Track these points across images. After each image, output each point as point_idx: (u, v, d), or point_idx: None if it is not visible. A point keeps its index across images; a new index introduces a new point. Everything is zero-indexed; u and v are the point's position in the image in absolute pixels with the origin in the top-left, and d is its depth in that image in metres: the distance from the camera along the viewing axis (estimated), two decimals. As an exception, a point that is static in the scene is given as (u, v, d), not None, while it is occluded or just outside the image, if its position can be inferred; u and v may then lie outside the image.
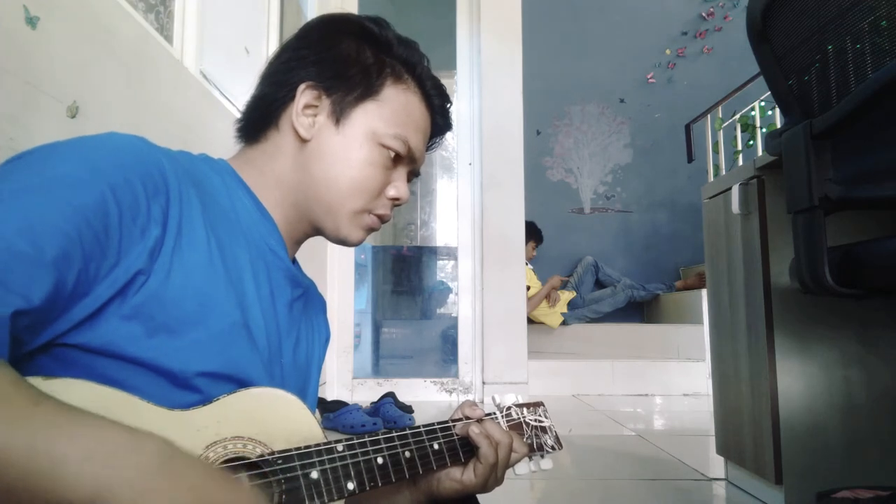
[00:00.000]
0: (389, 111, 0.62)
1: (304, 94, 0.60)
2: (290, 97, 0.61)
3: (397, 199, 0.65)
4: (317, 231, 0.65)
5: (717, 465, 1.73)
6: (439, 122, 0.68)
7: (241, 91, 1.76)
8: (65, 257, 0.40)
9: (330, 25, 0.64)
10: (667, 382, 3.33)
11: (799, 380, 1.35)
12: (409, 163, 0.66)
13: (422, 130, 0.65)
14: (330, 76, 0.61)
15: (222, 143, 0.68)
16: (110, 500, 0.32)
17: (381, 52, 0.63)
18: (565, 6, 4.82)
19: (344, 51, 0.62)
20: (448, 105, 0.68)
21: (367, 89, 0.61)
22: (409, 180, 0.67)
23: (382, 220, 0.65)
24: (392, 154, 0.62)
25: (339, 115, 0.61)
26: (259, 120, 0.63)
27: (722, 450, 1.62)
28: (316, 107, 0.61)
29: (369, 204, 0.63)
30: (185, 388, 0.47)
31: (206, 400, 0.48)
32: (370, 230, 0.65)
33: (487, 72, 3.15)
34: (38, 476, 0.31)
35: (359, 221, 0.63)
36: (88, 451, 0.33)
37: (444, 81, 0.68)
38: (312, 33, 0.64)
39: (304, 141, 0.61)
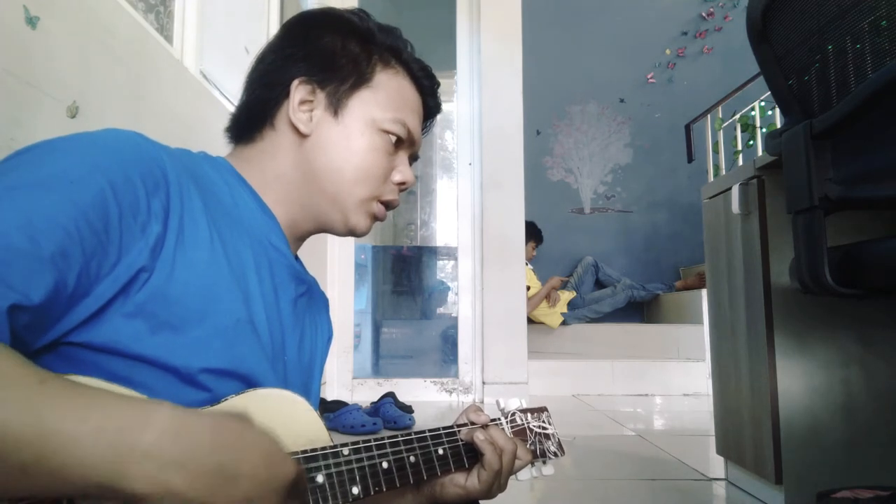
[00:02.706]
0: (384, 96, 0.63)
1: (299, 90, 0.61)
2: (283, 96, 0.61)
3: (404, 183, 0.66)
4: (322, 227, 0.65)
5: (717, 465, 1.73)
6: (430, 104, 0.69)
7: (241, 91, 1.75)
8: (63, 254, 0.40)
9: (311, 21, 0.65)
10: (667, 382, 3.33)
11: (799, 380, 1.35)
12: (409, 146, 0.66)
13: (416, 113, 0.66)
14: (321, 69, 0.61)
15: (222, 142, 0.68)
16: (128, 475, 0.32)
17: (366, 41, 0.63)
18: (565, 6, 4.82)
19: (329, 43, 0.62)
20: (436, 86, 0.69)
21: (359, 78, 0.62)
22: (409, 164, 0.68)
23: (390, 206, 0.66)
24: (393, 139, 0.63)
25: (336, 107, 0.61)
26: (253, 122, 0.63)
27: (722, 450, 1.62)
28: (311, 101, 0.61)
29: (377, 190, 0.64)
30: (192, 385, 0.47)
31: (215, 398, 0.48)
32: (375, 219, 0.66)
33: (487, 72, 3.15)
34: (53, 456, 0.31)
35: (366, 209, 0.64)
36: (100, 428, 0.33)
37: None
38: (294, 30, 0.65)
39: (303, 136, 0.61)
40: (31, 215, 0.39)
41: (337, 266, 3.12)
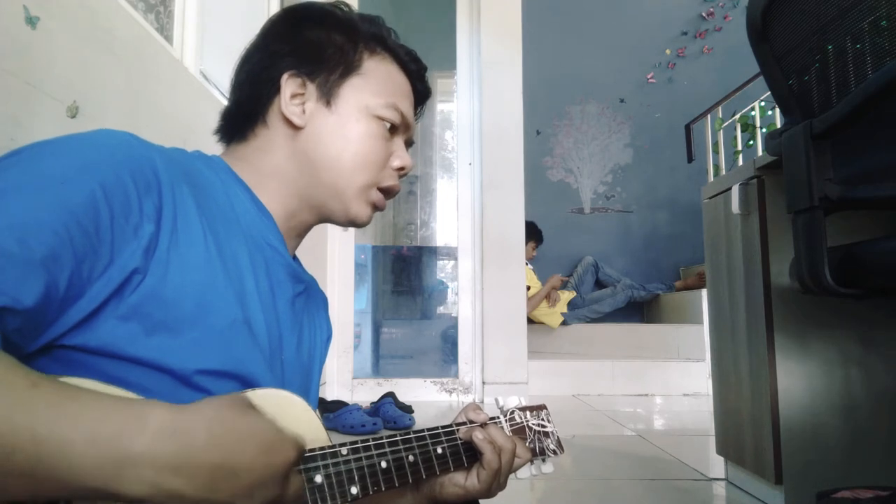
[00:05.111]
0: (375, 83, 0.63)
1: (289, 84, 0.61)
2: (274, 92, 0.62)
3: (402, 168, 0.66)
4: (322, 218, 0.65)
5: (717, 465, 1.73)
6: (419, 88, 0.69)
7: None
8: (54, 257, 0.39)
9: (293, 15, 0.65)
10: (667, 382, 3.33)
11: (799, 380, 1.35)
12: (403, 131, 0.67)
13: (408, 97, 0.67)
14: (308, 62, 0.62)
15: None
16: (124, 480, 0.32)
17: (349, 31, 0.64)
18: (565, 6, 4.82)
19: (314, 36, 0.63)
20: (423, 70, 0.69)
21: (347, 66, 0.62)
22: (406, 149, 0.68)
23: (391, 192, 0.66)
24: (388, 125, 0.63)
25: (328, 97, 0.61)
26: (245, 120, 0.63)
27: (722, 450, 1.62)
28: (302, 94, 0.61)
29: (376, 177, 0.63)
30: (188, 387, 0.47)
31: None
32: (376, 208, 0.66)
33: (487, 72, 3.15)
34: (46, 461, 0.31)
35: (366, 198, 0.64)
36: (93, 433, 0.32)
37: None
38: (277, 27, 0.65)
39: (297, 129, 0.61)
40: (22, 218, 0.39)
41: (337, 266, 3.12)
